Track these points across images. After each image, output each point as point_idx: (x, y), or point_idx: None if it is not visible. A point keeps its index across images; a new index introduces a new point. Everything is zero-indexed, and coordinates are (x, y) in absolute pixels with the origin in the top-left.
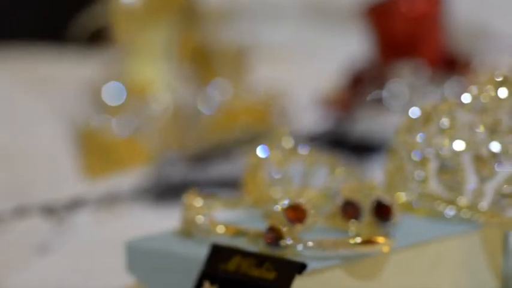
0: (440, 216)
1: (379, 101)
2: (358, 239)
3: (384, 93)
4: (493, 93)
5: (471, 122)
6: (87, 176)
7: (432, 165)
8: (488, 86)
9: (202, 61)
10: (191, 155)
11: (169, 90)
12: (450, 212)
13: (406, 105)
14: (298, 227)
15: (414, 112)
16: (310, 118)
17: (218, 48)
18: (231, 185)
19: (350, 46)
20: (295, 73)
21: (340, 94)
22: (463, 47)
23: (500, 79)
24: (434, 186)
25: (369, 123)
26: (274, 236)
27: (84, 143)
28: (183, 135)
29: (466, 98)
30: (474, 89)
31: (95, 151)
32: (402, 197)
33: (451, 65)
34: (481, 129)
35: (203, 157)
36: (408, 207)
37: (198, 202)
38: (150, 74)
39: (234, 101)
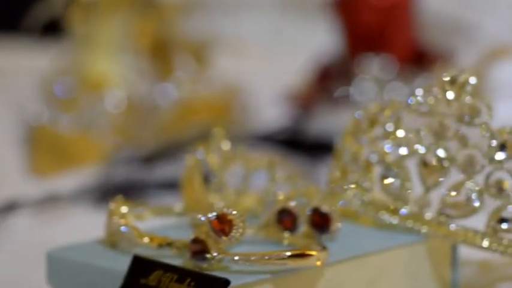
0: (385, 226)
1: (345, 98)
2: (288, 252)
3: (351, 90)
4: (440, 95)
5: (417, 126)
6: (36, 175)
7: (376, 172)
8: (436, 88)
9: (161, 54)
10: (144, 153)
11: (125, 84)
12: (394, 221)
13: (373, 101)
14: (225, 239)
15: (359, 114)
16: (273, 115)
17: (178, 41)
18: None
19: (318, 39)
20: (261, 67)
21: (306, 90)
22: (433, 40)
23: (447, 80)
24: (378, 193)
25: (329, 121)
26: (199, 248)
27: (33, 139)
28: (139, 132)
29: (412, 100)
30: (420, 90)
31: (45, 148)
32: (346, 204)
33: (421, 59)
34: (426, 133)
35: (155, 156)
36: (352, 215)
37: (124, 209)
38: (105, 67)
39: (194, 97)
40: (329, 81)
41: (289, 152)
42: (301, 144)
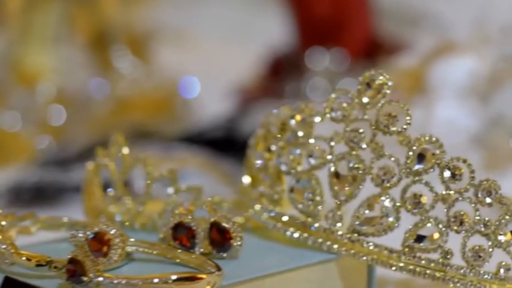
0: (298, 242)
1: (297, 92)
2: (174, 276)
3: (302, 84)
4: (355, 100)
5: (331, 134)
6: None
7: (287, 183)
8: (352, 92)
9: (99, 47)
10: (74, 151)
11: (59, 77)
12: (304, 237)
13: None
14: (103, 260)
15: (270, 117)
16: (219, 110)
17: (117, 33)
18: None
19: (272, 31)
20: (210, 60)
21: (256, 84)
22: (391, 31)
23: (363, 82)
24: (289, 206)
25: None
26: (76, 270)
27: None
28: (71, 128)
29: (325, 105)
30: (334, 93)
31: None
32: (255, 217)
33: (377, 51)
34: (339, 142)
35: (84, 155)
36: (265, 229)
37: (4, 223)
38: (39, 59)
39: (132, 92)
40: (280, 75)
41: (221, 153)
42: (234, 144)
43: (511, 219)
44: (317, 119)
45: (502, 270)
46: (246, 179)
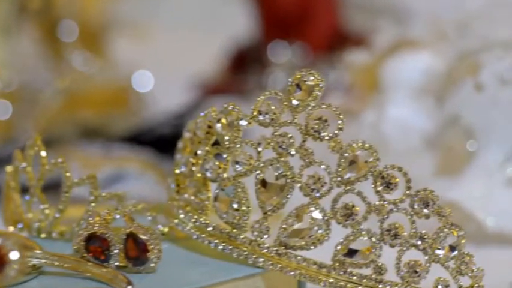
0: (225, 254)
1: (259, 86)
2: None
3: (265, 78)
4: (285, 102)
5: (258, 139)
6: None
7: (212, 190)
8: (281, 94)
9: (51, 39)
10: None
11: (8, 70)
12: (229, 249)
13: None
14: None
15: (197, 120)
16: (176, 104)
17: (70, 25)
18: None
19: (235, 23)
20: (170, 52)
21: (217, 77)
22: (358, 24)
23: (292, 84)
24: (213, 216)
25: None
26: None
27: None
28: (19, 123)
29: (253, 107)
30: (263, 95)
31: None
32: (179, 226)
33: (344, 44)
34: (267, 147)
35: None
36: (190, 240)
37: None
38: None
39: (85, 86)
40: (242, 68)
41: (166, 152)
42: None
43: (450, 232)
44: (243, 123)
45: (440, 287)
46: (173, 185)
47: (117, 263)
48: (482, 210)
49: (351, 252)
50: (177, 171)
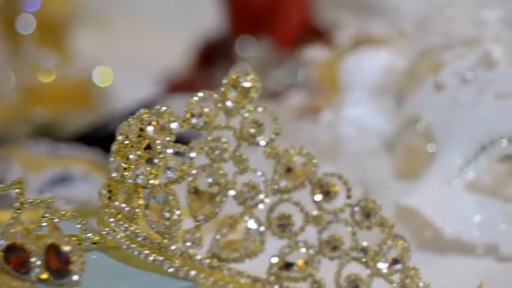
0: (157, 266)
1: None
2: None
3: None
4: (220, 105)
5: (191, 143)
6: None
7: (143, 198)
8: (215, 96)
9: (9, 32)
10: None
11: None
12: (160, 261)
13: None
14: None
15: (130, 123)
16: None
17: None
18: None
19: (203, 16)
20: (136, 46)
21: (185, 72)
22: (331, 18)
23: (227, 84)
24: (145, 225)
25: None
26: None
27: None
28: None
29: (185, 109)
30: (197, 96)
31: None
32: (111, 236)
33: (314, 39)
34: (200, 153)
35: None
36: (121, 251)
37: None
38: None
39: (45, 80)
40: (210, 63)
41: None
42: None
43: (394, 244)
44: (175, 125)
45: None
46: (104, 191)
47: (38, 276)
48: (440, 216)
49: (287, 266)
50: (110, 176)
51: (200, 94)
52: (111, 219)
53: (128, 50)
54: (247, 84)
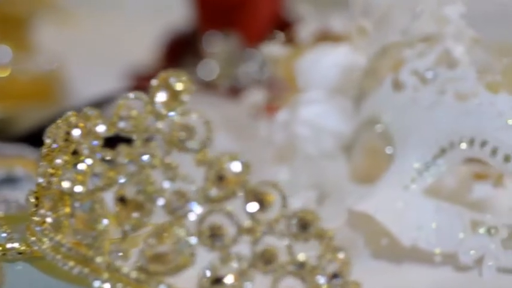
0: (82, 279)
1: (194, 78)
2: None
3: (199, 69)
4: (149, 107)
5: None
6: None
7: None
8: (145, 97)
9: None
10: None
11: None
12: (84, 273)
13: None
14: None
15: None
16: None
17: None
18: None
19: (171, 10)
20: (101, 40)
21: (151, 67)
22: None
23: (159, 87)
24: (70, 235)
25: None
26: None
27: None
28: None
29: (113, 112)
30: (124, 99)
31: None
32: (37, 246)
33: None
34: (128, 158)
35: None
36: (45, 264)
37: None
38: None
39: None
40: (177, 58)
41: None
42: None
43: (333, 257)
44: (102, 129)
45: None
46: (32, 198)
47: None
48: (396, 223)
49: (218, 280)
50: (37, 182)
51: (130, 95)
52: (38, 228)
53: (94, 45)
54: (179, 87)
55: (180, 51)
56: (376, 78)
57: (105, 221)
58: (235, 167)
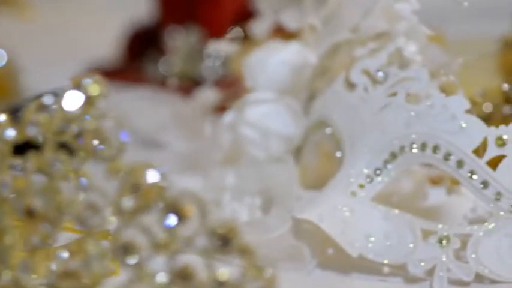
0: None
1: (156, 74)
2: None
3: (160, 64)
4: (60, 112)
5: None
6: None
7: None
8: (53, 102)
9: None
10: None
11: None
12: None
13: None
14: None
15: None
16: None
17: None
18: None
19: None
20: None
21: (114, 62)
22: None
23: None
24: None
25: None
26: None
27: None
28: None
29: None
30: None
31: None
32: None
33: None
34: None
35: None
36: None
37: None
38: None
39: None
40: (139, 53)
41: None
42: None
43: (258, 273)
44: (11, 134)
45: None
46: None
47: None
48: (343, 232)
49: None
50: None
51: (43, 99)
52: None
53: (53, 39)
54: (92, 90)
55: (142, 46)
56: (327, 77)
57: (11, 236)
58: (152, 177)
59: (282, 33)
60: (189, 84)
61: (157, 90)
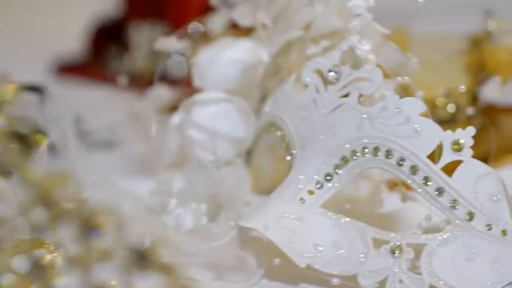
0: None
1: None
2: None
3: (126, 61)
4: None
5: None
6: None
7: None
8: None
9: None
10: None
11: None
12: None
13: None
14: None
15: None
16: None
17: None
18: None
19: None
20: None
21: (79, 57)
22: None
23: None
24: None
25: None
26: None
27: None
28: None
29: None
30: None
31: None
32: None
33: None
34: None
35: None
36: None
37: None
38: None
39: None
40: (104, 48)
41: None
42: None
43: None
44: None
45: None
46: None
47: None
48: (290, 241)
49: None
50: None
51: None
52: None
53: (17, 33)
54: (5, 96)
55: (106, 41)
56: (279, 77)
57: None
58: (66, 188)
59: (239, 29)
60: (149, 82)
61: (114, 88)
